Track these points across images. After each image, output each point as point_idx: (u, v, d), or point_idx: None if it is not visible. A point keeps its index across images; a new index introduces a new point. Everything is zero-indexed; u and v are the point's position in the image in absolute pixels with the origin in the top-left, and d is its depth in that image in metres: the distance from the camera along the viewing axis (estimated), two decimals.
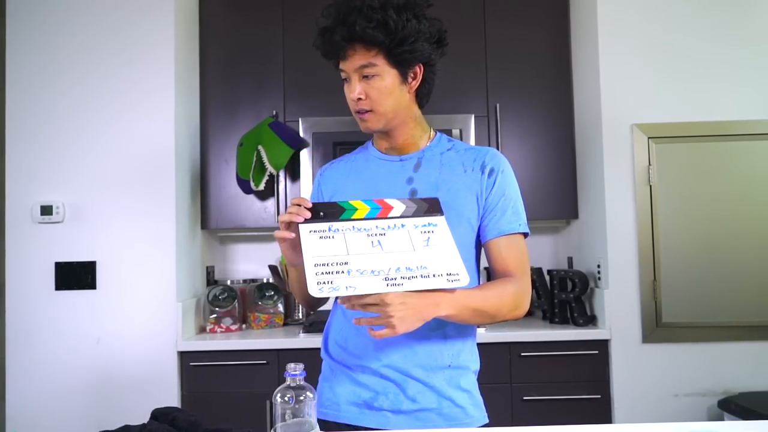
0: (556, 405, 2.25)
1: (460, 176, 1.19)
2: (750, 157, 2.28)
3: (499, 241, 1.19)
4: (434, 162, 1.21)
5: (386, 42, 1.11)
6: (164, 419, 1.00)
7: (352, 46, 1.12)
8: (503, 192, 1.20)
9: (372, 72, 1.14)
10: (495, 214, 1.19)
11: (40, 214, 2.20)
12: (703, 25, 2.33)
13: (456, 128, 2.47)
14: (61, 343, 2.20)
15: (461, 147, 1.25)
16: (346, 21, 1.11)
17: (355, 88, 1.15)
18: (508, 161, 1.25)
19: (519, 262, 1.20)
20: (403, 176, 1.21)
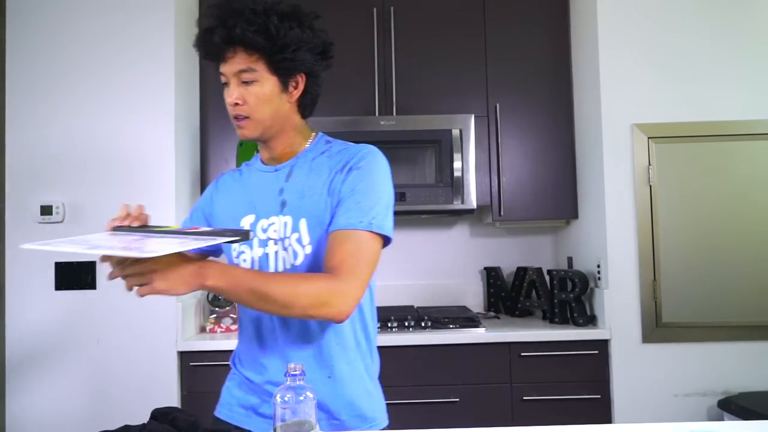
0: (556, 405, 2.25)
1: (323, 181, 1.14)
2: (750, 157, 2.28)
3: (334, 235, 1.08)
4: (304, 169, 1.18)
5: (267, 48, 1.09)
6: (164, 419, 1.00)
7: (232, 49, 1.10)
8: (353, 188, 1.10)
9: (251, 77, 1.11)
10: (338, 209, 1.10)
11: (40, 214, 2.20)
12: (703, 24, 2.33)
13: (456, 128, 2.47)
14: (61, 343, 2.20)
15: (336, 149, 1.19)
16: (226, 23, 1.09)
17: (232, 92, 1.12)
18: (383, 158, 1.17)
19: (347, 258, 1.05)
20: (276, 187, 1.19)
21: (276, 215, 1.17)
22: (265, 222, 1.18)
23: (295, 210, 1.15)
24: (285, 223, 1.15)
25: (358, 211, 1.08)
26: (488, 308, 2.83)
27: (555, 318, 2.46)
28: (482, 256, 2.90)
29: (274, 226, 1.16)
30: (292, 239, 1.14)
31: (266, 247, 1.17)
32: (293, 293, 1.00)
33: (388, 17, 2.59)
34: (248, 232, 0.98)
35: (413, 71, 2.58)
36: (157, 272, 0.93)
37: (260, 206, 1.19)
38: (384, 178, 1.15)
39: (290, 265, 1.15)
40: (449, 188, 2.46)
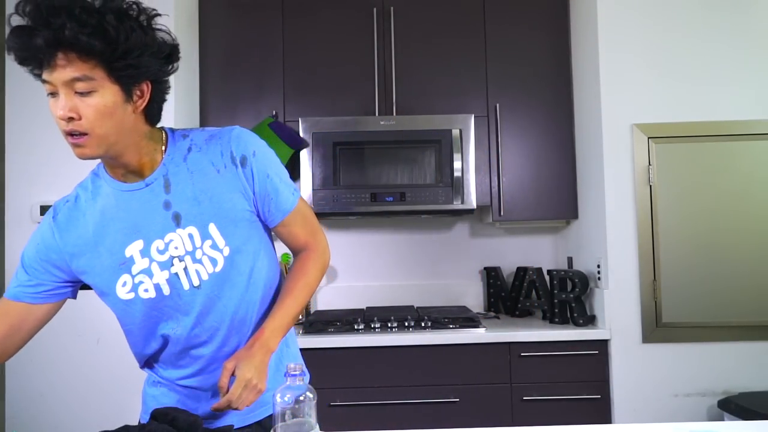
0: (556, 405, 2.25)
1: (215, 179, 1.09)
2: (750, 157, 2.28)
3: (285, 221, 1.17)
4: (182, 173, 1.09)
5: (106, 53, 0.94)
6: (164, 419, 1.00)
7: (62, 54, 0.92)
8: (266, 173, 1.13)
9: (87, 87, 0.95)
10: (270, 197, 1.13)
11: (40, 214, 2.20)
12: (703, 25, 2.33)
13: (456, 128, 2.47)
14: (60, 343, 2.20)
15: (200, 140, 1.13)
16: (50, 23, 0.90)
17: (63, 104, 0.96)
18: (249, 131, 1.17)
19: (308, 229, 1.21)
20: (158, 202, 1.08)
21: (172, 231, 1.08)
22: (161, 243, 1.09)
23: (196, 218, 1.09)
24: (190, 234, 1.09)
25: (284, 189, 1.15)
26: (488, 308, 2.83)
27: (555, 318, 2.46)
28: (482, 256, 2.90)
29: (173, 243, 1.09)
30: (205, 247, 1.09)
31: (171, 267, 1.09)
32: (312, 286, 1.18)
33: (388, 17, 2.59)
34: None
35: (413, 71, 2.58)
36: (253, 379, 1.00)
37: (146, 228, 1.08)
38: (266, 147, 1.17)
39: (208, 275, 1.10)
40: (449, 188, 2.46)
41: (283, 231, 1.18)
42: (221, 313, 1.12)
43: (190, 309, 1.11)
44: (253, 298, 1.15)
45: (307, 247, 1.21)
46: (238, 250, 1.11)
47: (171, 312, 1.12)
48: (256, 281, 1.16)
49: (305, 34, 2.60)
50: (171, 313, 1.12)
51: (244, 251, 1.12)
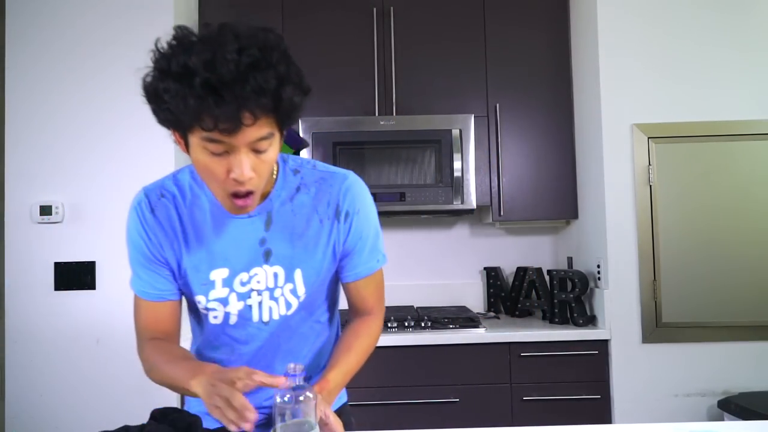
0: (556, 405, 2.25)
1: (315, 227, 1.07)
2: (750, 157, 2.28)
3: (358, 283, 1.15)
4: (285, 214, 1.06)
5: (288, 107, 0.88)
6: (163, 419, 1.00)
7: (249, 114, 0.82)
8: (360, 235, 1.10)
9: (269, 145, 0.89)
10: (352, 257, 1.12)
11: (40, 214, 2.20)
12: (703, 25, 2.32)
13: (456, 128, 2.47)
14: (60, 343, 2.20)
15: (310, 180, 1.07)
16: (245, 79, 0.79)
17: (244, 163, 0.87)
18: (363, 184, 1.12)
19: (377, 297, 1.19)
20: (255, 237, 1.05)
21: (259, 266, 1.06)
22: (245, 275, 1.06)
23: (286, 260, 1.06)
24: (275, 273, 1.07)
25: (371, 254, 1.13)
26: (488, 308, 2.83)
27: (555, 318, 2.46)
28: (482, 256, 2.90)
29: (257, 277, 1.06)
30: (285, 289, 1.08)
31: (248, 299, 1.08)
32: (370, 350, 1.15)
33: (388, 17, 2.59)
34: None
35: (413, 71, 2.58)
36: None
37: (236, 259, 1.05)
38: (372, 207, 1.13)
39: (279, 315, 1.09)
40: (449, 188, 2.46)
41: (352, 290, 1.16)
42: (279, 352, 1.13)
43: (251, 342, 1.11)
44: (313, 345, 1.17)
45: (372, 312, 1.18)
46: (313, 299, 1.12)
47: (229, 341, 1.12)
48: (320, 332, 1.18)
49: (305, 34, 2.60)
50: (229, 342, 1.12)
51: (317, 302, 1.14)
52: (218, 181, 0.90)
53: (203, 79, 0.78)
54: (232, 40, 0.82)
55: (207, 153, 0.87)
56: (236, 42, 0.82)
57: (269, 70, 0.82)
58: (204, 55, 0.79)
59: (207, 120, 0.82)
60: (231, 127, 0.82)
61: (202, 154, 0.88)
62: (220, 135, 0.83)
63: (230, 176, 0.88)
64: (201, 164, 0.90)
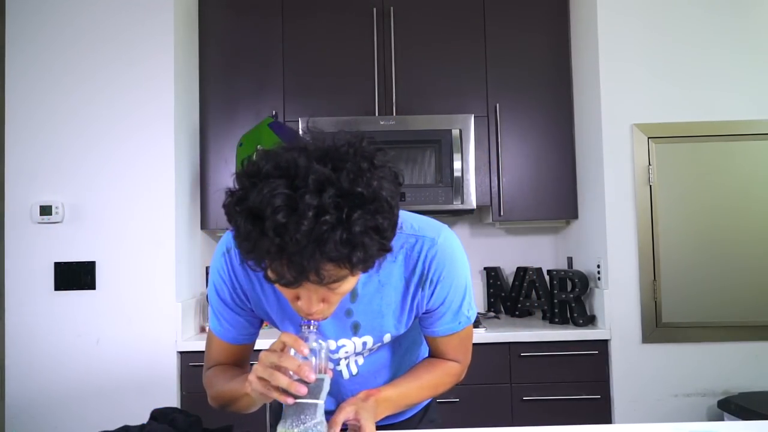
0: (556, 405, 2.24)
1: (403, 296, 1.03)
2: (750, 157, 2.28)
3: (435, 338, 1.11)
4: (372, 285, 1.01)
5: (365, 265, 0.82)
6: (164, 419, 1.00)
7: (316, 276, 0.77)
8: (442, 300, 1.05)
9: (338, 285, 0.83)
10: (432, 317, 1.07)
11: (40, 214, 2.20)
12: (703, 25, 2.32)
13: (456, 128, 2.47)
14: (60, 343, 2.20)
15: (396, 245, 0.95)
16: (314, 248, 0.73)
17: (313, 301, 0.85)
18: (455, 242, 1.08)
19: (460, 350, 1.13)
20: (341, 309, 1.01)
21: (347, 338, 1.05)
22: (333, 343, 1.05)
23: (375, 330, 1.05)
24: (364, 342, 1.06)
25: (453, 317, 1.07)
26: (488, 308, 2.83)
27: (555, 318, 2.46)
28: (482, 256, 2.90)
29: (345, 348, 1.06)
30: (373, 348, 1.08)
31: (338, 365, 1.08)
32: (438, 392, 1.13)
33: (388, 17, 2.59)
34: None
35: (413, 71, 2.58)
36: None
37: (324, 328, 1.02)
38: (462, 269, 1.06)
39: (364, 360, 1.10)
40: (449, 188, 2.46)
41: (431, 341, 1.13)
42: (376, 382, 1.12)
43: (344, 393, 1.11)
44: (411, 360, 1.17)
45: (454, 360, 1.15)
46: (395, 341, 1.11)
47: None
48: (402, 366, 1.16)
49: (305, 34, 2.60)
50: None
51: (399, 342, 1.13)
52: (288, 301, 0.89)
53: (272, 242, 0.74)
54: (315, 196, 0.73)
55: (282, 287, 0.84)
56: (318, 198, 0.73)
57: (343, 235, 0.74)
58: (281, 217, 0.73)
59: (269, 273, 0.79)
60: (293, 285, 0.79)
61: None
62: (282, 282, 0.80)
63: (297, 302, 0.87)
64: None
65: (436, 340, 1.11)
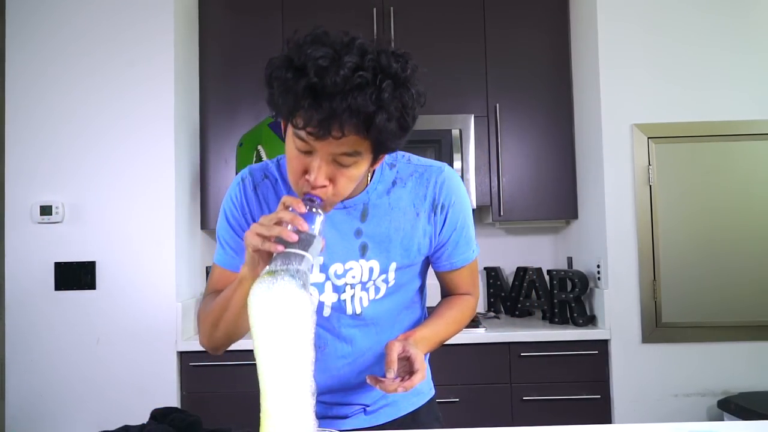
0: (556, 405, 2.25)
1: (411, 221, 1.07)
2: (750, 157, 2.28)
3: (452, 272, 1.17)
4: (382, 206, 1.06)
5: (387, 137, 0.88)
6: (163, 419, 1.00)
7: (338, 126, 0.82)
8: (454, 226, 1.11)
9: (351, 162, 0.88)
10: (447, 248, 1.13)
11: (40, 214, 2.20)
12: (703, 25, 2.33)
13: (456, 128, 2.47)
14: (60, 343, 2.20)
15: (405, 173, 1.08)
16: (345, 96, 0.80)
17: (319, 170, 0.87)
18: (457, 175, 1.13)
19: (470, 282, 1.21)
20: (350, 228, 1.05)
21: (355, 260, 1.06)
22: (340, 267, 1.06)
23: (382, 255, 1.07)
24: (371, 268, 1.07)
25: (466, 246, 1.15)
26: (488, 308, 2.83)
27: (555, 318, 2.46)
28: (482, 256, 2.90)
29: (352, 272, 1.07)
30: (378, 280, 1.09)
31: (342, 293, 1.08)
32: (461, 327, 1.18)
33: (388, 17, 2.59)
34: None
35: None
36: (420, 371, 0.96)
37: (332, 248, 1.05)
38: (467, 199, 1.14)
39: (368, 302, 1.10)
40: None
41: (445, 278, 1.19)
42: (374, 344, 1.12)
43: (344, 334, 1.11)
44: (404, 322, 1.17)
45: (468, 295, 1.21)
46: (401, 285, 1.12)
47: (322, 333, 1.11)
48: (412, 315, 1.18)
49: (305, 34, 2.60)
50: (322, 334, 1.11)
51: (406, 287, 1.14)
52: (295, 177, 0.92)
53: (309, 83, 0.81)
54: (356, 56, 0.82)
55: (294, 147, 0.90)
56: (359, 59, 0.82)
57: (373, 94, 0.82)
58: (323, 62, 0.81)
59: (299, 119, 0.84)
60: (317, 132, 0.83)
61: (290, 147, 0.91)
62: (307, 136, 0.85)
63: (305, 176, 0.89)
64: (288, 156, 0.93)
65: (452, 276, 1.17)
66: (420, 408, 1.22)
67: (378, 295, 1.10)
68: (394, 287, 1.11)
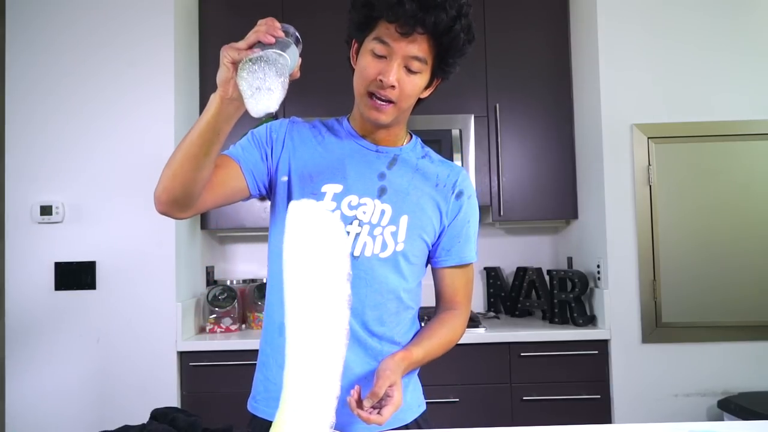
0: (556, 405, 2.25)
1: (431, 188, 1.14)
2: (750, 157, 2.28)
3: (455, 270, 1.18)
4: (410, 165, 1.15)
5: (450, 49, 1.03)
6: (164, 419, 1.00)
7: (422, 30, 0.98)
8: (468, 219, 1.18)
9: (419, 68, 1.03)
10: (458, 240, 1.16)
11: (40, 214, 2.20)
12: (703, 26, 2.33)
13: (456, 128, 2.47)
14: (61, 343, 2.20)
15: (435, 157, 1.20)
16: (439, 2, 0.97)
17: (392, 72, 1.02)
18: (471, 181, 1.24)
19: (466, 291, 1.22)
20: (376, 169, 1.12)
21: (371, 198, 1.09)
22: (355, 199, 1.09)
23: (397, 203, 1.10)
24: (383, 210, 1.09)
25: (472, 244, 1.19)
26: (488, 308, 2.83)
27: (555, 318, 2.46)
28: (482, 256, 2.90)
29: (365, 207, 1.09)
30: (387, 231, 1.09)
31: (349, 225, 1.07)
32: (449, 343, 1.18)
33: None
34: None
35: None
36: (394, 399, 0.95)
37: (352, 180, 1.10)
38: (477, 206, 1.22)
39: (371, 254, 1.08)
40: None
41: (447, 277, 1.19)
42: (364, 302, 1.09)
43: None
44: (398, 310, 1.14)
45: (458, 308, 1.20)
46: (407, 255, 1.11)
47: None
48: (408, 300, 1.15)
49: (305, 34, 2.58)
50: None
51: (411, 263, 1.12)
52: (366, 81, 1.05)
53: None
54: None
55: (370, 55, 1.05)
56: None
57: (455, 6, 0.98)
58: None
59: (391, 13, 0.98)
60: (405, 29, 0.98)
61: (366, 56, 1.06)
62: (391, 37, 1.00)
63: (378, 77, 1.03)
64: (360, 66, 1.08)
65: (452, 276, 1.18)
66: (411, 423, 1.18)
67: (383, 253, 1.08)
68: (399, 255, 1.09)
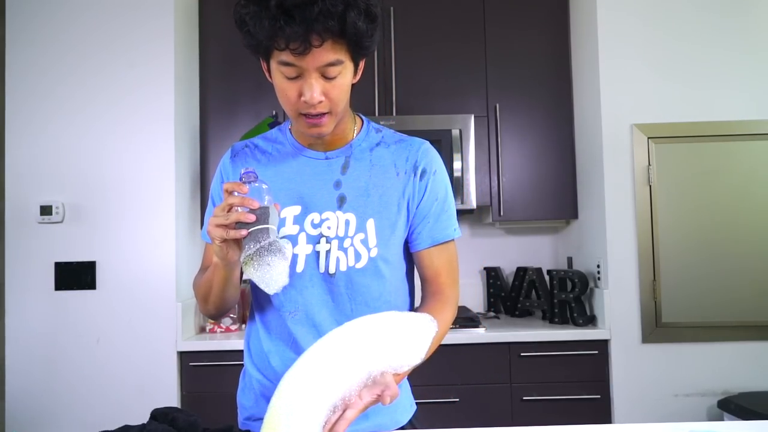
0: (555, 405, 2.25)
1: (392, 180, 1.08)
2: (750, 157, 2.28)
3: (431, 250, 1.11)
4: (363, 161, 1.09)
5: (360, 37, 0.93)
6: (164, 419, 1.00)
7: (317, 37, 0.89)
8: (436, 196, 1.10)
9: (338, 72, 0.95)
10: (428, 221, 1.10)
11: (40, 214, 2.20)
12: (703, 25, 2.33)
13: (456, 128, 2.47)
14: (61, 343, 2.20)
15: (390, 139, 1.13)
16: (314, 2, 0.87)
17: (314, 87, 0.94)
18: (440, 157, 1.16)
19: (450, 270, 1.14)
20: (330, 179, 1.07)
21: (332, 211, 1.06)
22: (317, 216, 1.06)
23: (359, 208, 1.06)
24: (347, 221, 1.05)
25: (448, 221, 1.12)
26: (488, 308, 2.83)
27: (555, 318, 2.46)
28: (482, 256, 2.90)
29: (328, 222, 1.05)
30: (356, 240, 1.05)
31: (317, 244, 1.05)
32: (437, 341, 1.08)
33: (388, 17, 2.59)
34: None
35: (413, 71, 2.58)
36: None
37: (309, 198, 1.06)
38: (446, 174, 1.15)
39: (347, 267, 1.05)
40: None
41: (425, 259, 1.11)
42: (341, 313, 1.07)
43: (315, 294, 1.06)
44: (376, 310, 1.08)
45: (444, 291, 1.13)
46: (384, 258, 1.07)
47: (294, 294, 1.07)
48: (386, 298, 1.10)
49: None
50: (294, 295, 1.07)
51: (390, 263, 1.09)
52: (291, 104, 0.98)
53: (277, 2, 0.87)
54: None
55: (283, 77, 0.96)
56: None
57: (338, 2, 0.88)
58: None
59: (279, 40, 0.90)
60: (300, 47, 0.89)
61: (279, 79, 0.97)
62: (292, 56, 0.91)
63: (301, 99, 0.96)
64: (278, 89, 0.99)
65: (431, 256, 1.11)
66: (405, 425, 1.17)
67: (359, 263, 1.05)
68: (376, 260, 1.06)
